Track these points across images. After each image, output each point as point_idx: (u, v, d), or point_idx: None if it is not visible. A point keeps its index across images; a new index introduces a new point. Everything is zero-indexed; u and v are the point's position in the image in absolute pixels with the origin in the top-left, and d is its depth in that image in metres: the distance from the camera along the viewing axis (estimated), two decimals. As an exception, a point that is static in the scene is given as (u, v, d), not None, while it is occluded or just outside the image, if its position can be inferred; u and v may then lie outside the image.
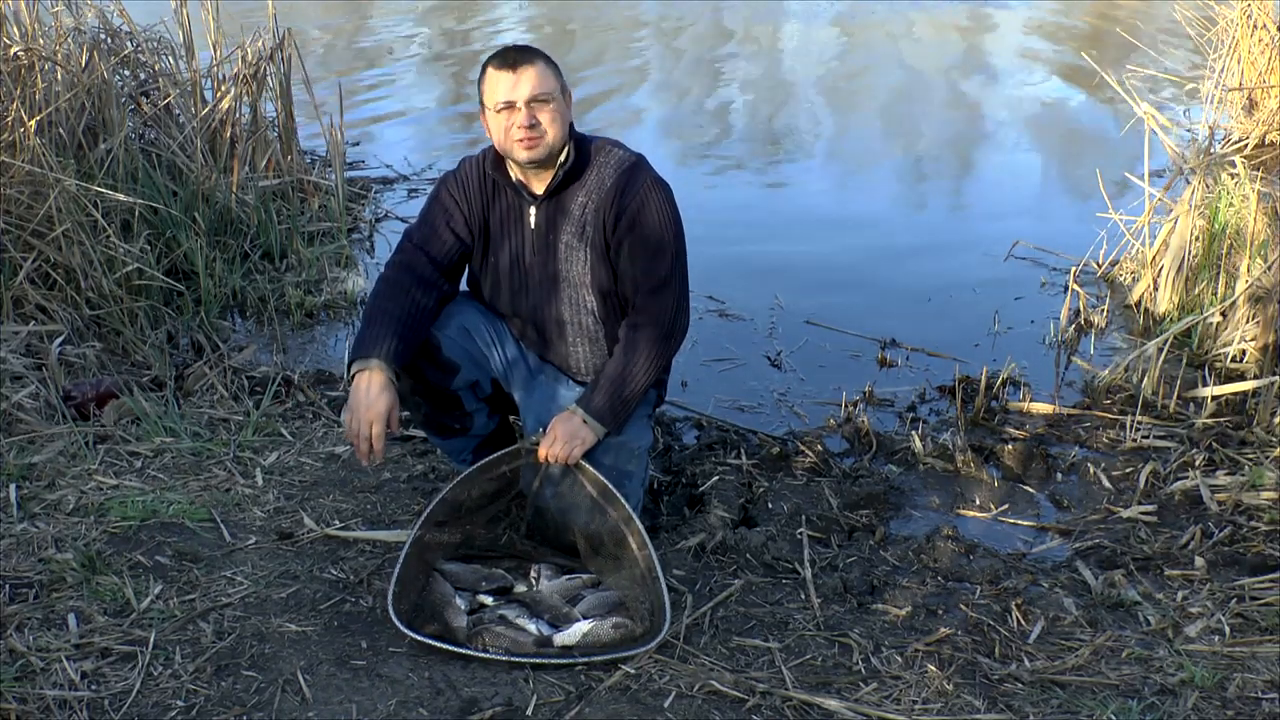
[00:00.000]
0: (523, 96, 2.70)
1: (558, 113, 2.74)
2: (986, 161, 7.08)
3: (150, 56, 5.39)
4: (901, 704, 2.34)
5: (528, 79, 2.71)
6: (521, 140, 2.72)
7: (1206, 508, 3.20)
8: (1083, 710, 2.34)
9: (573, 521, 2.79)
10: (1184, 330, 4.13)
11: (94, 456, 3.25)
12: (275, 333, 4.45)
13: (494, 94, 2.74)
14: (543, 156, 2.76)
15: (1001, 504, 3.32)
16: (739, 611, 2.67)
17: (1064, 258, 5.10)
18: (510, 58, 2.75)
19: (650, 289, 2.82)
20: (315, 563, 2.82)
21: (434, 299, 2.86)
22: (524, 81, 2.71)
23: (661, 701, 2.32)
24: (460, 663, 2.41)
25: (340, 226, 5.30)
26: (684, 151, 7.12)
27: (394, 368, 2.72)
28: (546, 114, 2.72)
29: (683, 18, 11.78)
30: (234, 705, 2.28)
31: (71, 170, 4.21)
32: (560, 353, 2.97)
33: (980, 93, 8.81)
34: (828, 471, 3.43)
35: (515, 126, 2.72)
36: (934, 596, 2.77)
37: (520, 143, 2.73)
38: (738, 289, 4.85)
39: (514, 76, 2.71)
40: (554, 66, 2.78)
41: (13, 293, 3.87)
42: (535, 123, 2.71)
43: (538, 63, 2.74)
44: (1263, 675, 2.45)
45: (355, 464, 3.33)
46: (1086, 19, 11.58)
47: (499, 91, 2.73)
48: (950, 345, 4.31)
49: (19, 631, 2.46)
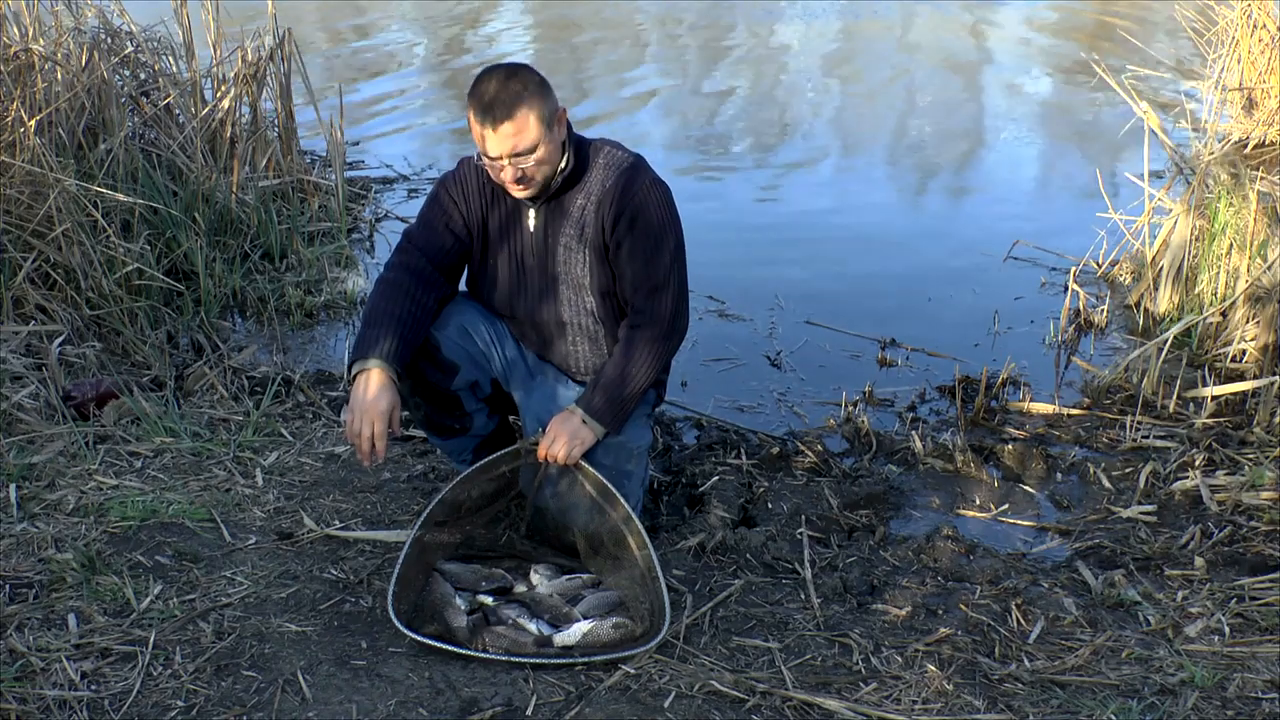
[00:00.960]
0: (505, 152, 2.63)
1: (545, 155, 2.67)
2: (986, 161, 7.08)
3: (150, 56, 5.38)
4: (901, 704, 2.34)
5: (509, 136, 2.61)
6: (510, 184, 2.71)
7: (1206, 508, 3.20)
8: (1083, 710, 2.34)
9: (572, 521, 2.79)
10: (1184, 330, 4.13)
11: (94, 456, 3.25)
12: (275, 333, 4.45)
13: (478, 140, 2.68)
14: (535, 194, 2.75)
15: (1001, 504, 3.32)
16: (739, 611, 2.67)
17: (1064, 258, 5.10)
18: (491, 110, 2.59)
19: (649, 289, 2.81)
20: (315, 563, 2.82)
21: (433, 299, 2.86)
22: (506, 139, 2.61)
23: (661, 701, 2.32)
24: (460, 663, 2.41)
25: (340, 226, 5.30)
26: (683, 151, 7.11)
27: (394, 368, 2.72)
28: (530, 163, 2.66)
29: (682, 19, 11.78)
30: (234, 705, 2.28)
31: (71, 170, 4.21)
32: (560, 353, 2.97)
33: (980, 92, 8.81)
34: (828, 471, 3.43)
35: (502, 176, 2.69)
36: (934, 596, 2.77)
37: (510, 186, 2.71)
38: (738, 289, 4.85)
39: (495, 135, 2.62)
40: (542, 101, 2.63)
41: (13, 293, 3.87)
42: (521, 175, 2.67)
43: (518, 113, 2.60)
44: (1263, 675, 2.45)
45: (355, 464, 3.33)
46: (1086, 18, 11.58)
47: (483, 146, 2.67)
48: (950, 345, 4.31)
49: (19, 631, 2.46)
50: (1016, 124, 7.85)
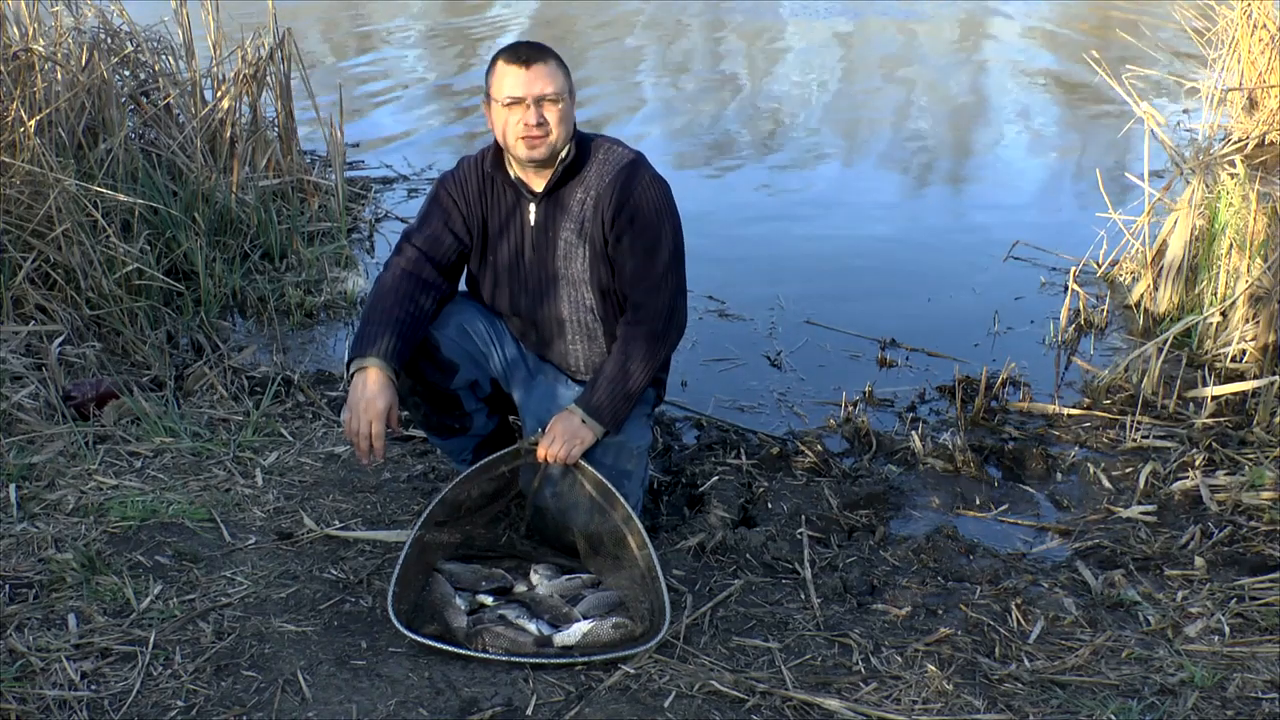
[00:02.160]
0: (533, 94, 2.69)
1: (565, 113, 2.73)
2: (986, 161, 7.08)
3: (150, 56, 5.39)
4: (901, 704, 2.34)
5: (540, 76, 2.70)
6: (525, 137, 2.71)
7: (1206, 508, 3.20)
8: (1083, 710, 2.34)
9: (572, 521, 2.79)
10: (1184, 330, 4.13)
11: (94, 456, 3.25)
12: (275, 333, 4.45)
13: (502, 87, 2.72)
14: (545, 156, 2.75)
15: (1001, 504, 3.32)
16: (739, 611, 2.67)
17: (1064, 258, 5.10)
18: (523, 53, 2.73)
19: (648, 286, 2.81)
20: (315, 563, 2.82)
21: (432, 299, 2.85)
22: (536, 79, 2.69)
23: (661, 701, 2.32)
24: (460, 663, 2.41)
25: (340, 226, 5.30)
26: (683, 150, 7.11)
27: (393, 366, 2.72)
28: (555, 113, 2.71)
29: (681, 19, 11.78)
30: (234, 705, 2.28)
31: (71, 170, 4.21)
32: (559, 351, 2.97)
33: (980, 92, 8.82)
34: (828, 471, 3.43)
35: (521, 123, 2.70)
36: (934, 596, 2.77)
37: (524, 139, 2.72)
38: (738, 289, 4.85)
39: (526, 73, 2.70)
40: (565, 67, 2.77)
41: (13, 293, 3.87)
42: (543, 120, 2.70)
43: (550, 61, 2.73)
44: (1263, 675, 2.45)
45: (355, 464, 3.33)
46: (1086, 19, 11.58)
47: (508, 85, 2.71)
48: (950, 345, 4.31)
49: (19, 631, 2.46)
50: (1017, 124, 7.85)
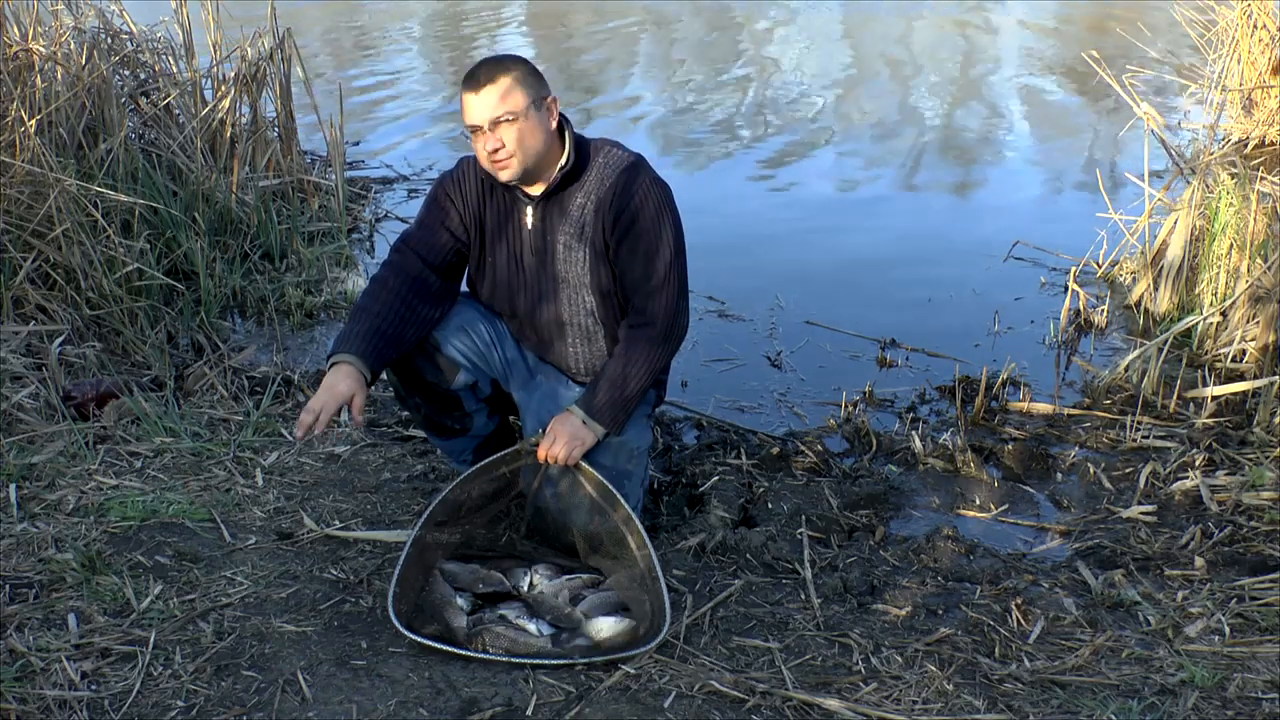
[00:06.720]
0: (486, 119, 2.65)
1: (526, 130, 2.67)
2: (986, 161, 7.08)
3: (150, 56, 5.39)
4: (901, 704, 2.34)
5: (490, 99, 2.64)
6: (491, 164, 2.71)
7: (1206, 508, 3.20)
8: (1083, 710, 2.34)
9: (572, 522, 2.79)
10: (1184, 330, 4.13)
11: (94, 456, 3.25)
12: (275, 333, 4.45)
13: (464, 115, 2.71)
14: (516, 176, 2.73)
15: (1001, 504, 3.32)
16: (739, 611, 2.67)
17: (1064, 258, 5.10)
18: (476, 76, 2.68)
19: (649, 289, 2.81)
20: (315, 563, 2.82)
21: (425, 299, 2.84)
22: (485, 103, 2.65)
23: (661, 701, 2.32)
24: (460, 663, 2.41)
25: (340, 226, 5.30)
26: (683, 151, 7.12)
27: (367, 364, 2.71)
28: (512, 133, 2.66)
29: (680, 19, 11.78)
30: (234, 705, 2.28)
31: (71, 170, 4.21)
32: (558, 353, 2.97)
33: (979, 92, 8.81)
34: (828, 471, 3.43)
35: (483, 150, 2.69)
36: (934, 596, 2.77)
37: (493, 166, 2.71)
38: (738, 289, 4.85)
39: (477, 98, 2.66)
40: (528, 79, 2.69)
41: (13, 293, 3.87)
42: (499, 145, 2.66)
43: (502, 78, 2.66)
44: (1263, 675, 2.45)
45: (356, 464, 3.34)
46: (1086, 19, 11.58)
47: (467, 113, 2.69)
48: (950, 345, 4.31)
49: (19, 631, 2.46)
50: (1017, 124, 7.86)
